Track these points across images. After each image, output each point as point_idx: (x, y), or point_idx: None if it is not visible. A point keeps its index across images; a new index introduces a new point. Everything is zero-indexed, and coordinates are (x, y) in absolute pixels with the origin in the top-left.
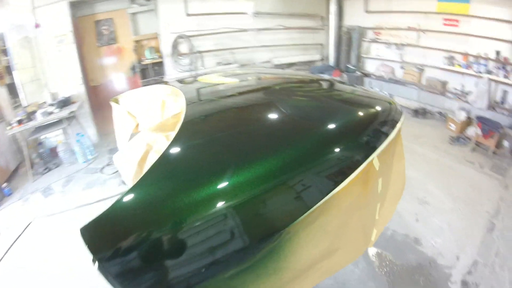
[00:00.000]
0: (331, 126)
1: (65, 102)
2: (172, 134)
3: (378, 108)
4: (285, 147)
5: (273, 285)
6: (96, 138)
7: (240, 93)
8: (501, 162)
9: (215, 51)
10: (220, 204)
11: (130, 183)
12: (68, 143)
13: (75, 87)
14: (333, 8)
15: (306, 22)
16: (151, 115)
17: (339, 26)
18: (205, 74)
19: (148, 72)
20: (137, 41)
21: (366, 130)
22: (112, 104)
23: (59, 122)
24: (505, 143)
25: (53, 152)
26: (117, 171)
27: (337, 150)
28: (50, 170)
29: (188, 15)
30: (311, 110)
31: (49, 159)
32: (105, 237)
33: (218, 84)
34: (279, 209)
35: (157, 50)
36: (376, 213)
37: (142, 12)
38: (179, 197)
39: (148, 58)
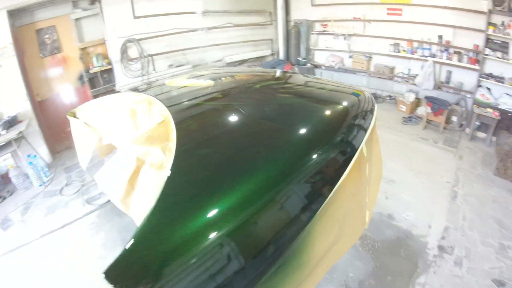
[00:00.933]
0: (329, 123)
1: (11, 122)
2: (169, 146)
3: (360, 100)
4: (296, 149)
5: (296, 281)
6: (49, 157)
7: (224, 95)
8: (452, 136)
9: (166, 53)
10: (245, 216)
11: (119, 203)
12: (19, 166)
13: (20, 104)
14: (280, 2)
15: (255, 18)
16: (120, 126)
17: (287, 20)
18: (164, 78)
19: (98, 81)
20: (83, 49)
21: (356, 122)
22: (70, 118)
23: (7, 144)
24: (454, 119)
25: (4, 178)
26: (78, 191)
27: (338, 143)
28: (4, 199)
29: (136, 17)
30: (308, 109)
31: (1, 187)
32: (133, 276)
33: (193, 87)
34: (300, 209)
35: (105, 56)
36: (366, 196)
37: (87, 17)
38: (203, 217)
39: (96, 65)
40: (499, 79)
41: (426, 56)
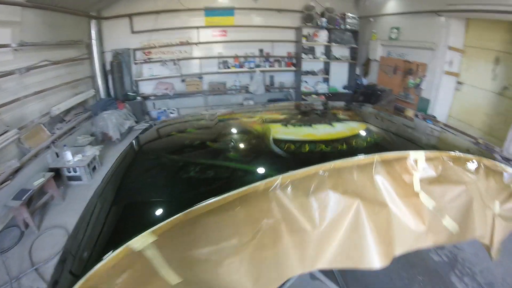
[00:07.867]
0: None
1: None
2: None
3: None
4: None
5: None
6: None
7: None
8: None
9: None
10: None
11: None
12: None
13: None
14: (94, 32)
15: (71, 53)
16: None
17: (102, 51)
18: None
19: None
20: None
21: None
22: None
23: None
24: None
25: None
26: None
27: None
28: None
29: None
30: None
31: None
32: None
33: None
34: None
35: None
36: None
37: None
38: None
39: None
40: (314, 73)
41: (252, 68)
